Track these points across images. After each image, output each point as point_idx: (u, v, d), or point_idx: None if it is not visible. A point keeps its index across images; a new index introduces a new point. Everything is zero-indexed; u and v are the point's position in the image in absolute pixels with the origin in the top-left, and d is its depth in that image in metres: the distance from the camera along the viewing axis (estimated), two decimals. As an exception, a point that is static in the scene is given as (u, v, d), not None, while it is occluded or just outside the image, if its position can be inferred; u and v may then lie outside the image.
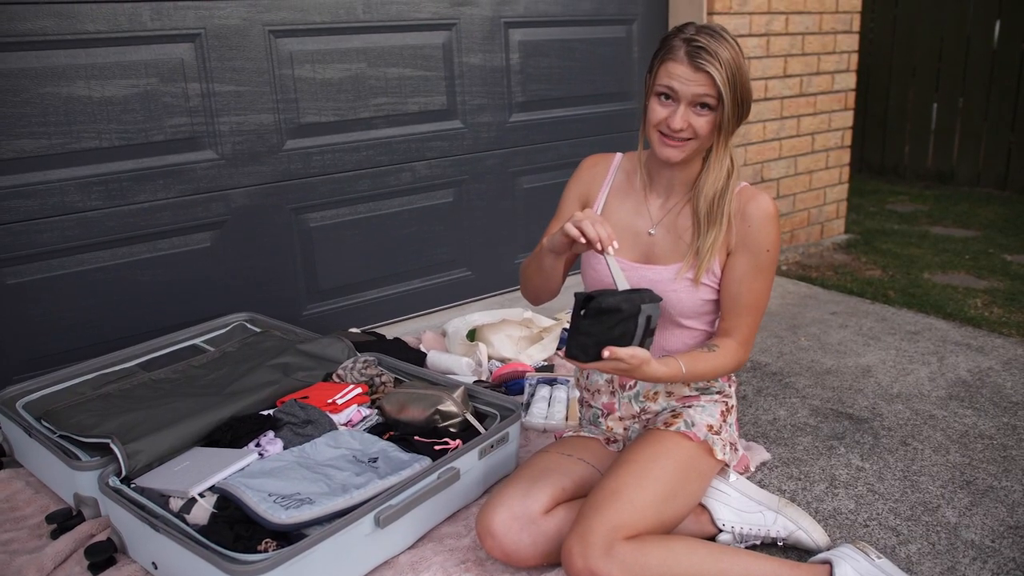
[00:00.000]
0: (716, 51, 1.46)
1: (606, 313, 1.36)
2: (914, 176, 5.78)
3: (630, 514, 1.46)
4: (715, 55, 1.45)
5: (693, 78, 1.47)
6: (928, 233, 4.28)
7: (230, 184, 2.48)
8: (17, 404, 2.00)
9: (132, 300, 2.38)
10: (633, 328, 1.39)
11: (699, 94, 1.48)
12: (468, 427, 1.91)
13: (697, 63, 1.46)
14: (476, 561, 1.63)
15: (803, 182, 3.88)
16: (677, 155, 1.55)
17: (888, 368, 2.54)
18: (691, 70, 1.47)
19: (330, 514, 1.51)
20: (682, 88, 1.48)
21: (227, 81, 2.40)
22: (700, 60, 1.46)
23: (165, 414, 1.86)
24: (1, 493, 1.92)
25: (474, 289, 3.13)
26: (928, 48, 5.53)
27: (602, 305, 1.35)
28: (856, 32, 3.84)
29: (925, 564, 1.63)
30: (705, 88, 1.47)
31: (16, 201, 2.15)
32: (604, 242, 1.41)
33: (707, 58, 1.45)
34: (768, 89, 3.56)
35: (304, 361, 2.15)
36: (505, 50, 2.96)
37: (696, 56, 1.46)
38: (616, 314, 1.36)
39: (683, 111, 1.50)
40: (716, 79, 1.45)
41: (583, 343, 1.38)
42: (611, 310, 1.36)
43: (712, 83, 1.46)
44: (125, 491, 1.64)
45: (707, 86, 1.47)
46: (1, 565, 1.63)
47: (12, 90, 2.10)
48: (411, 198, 2.88)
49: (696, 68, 1.46)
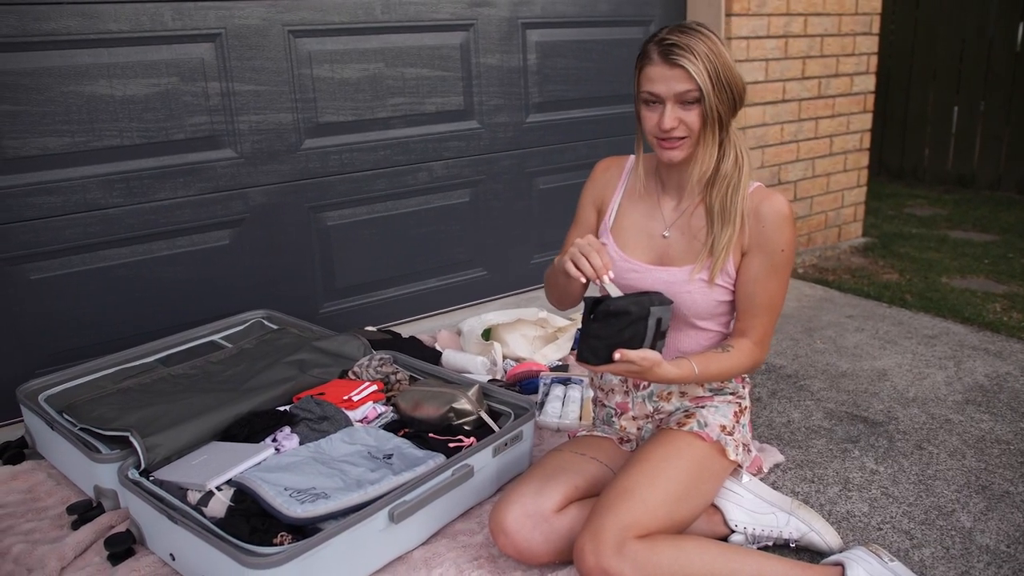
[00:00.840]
0: (689, 45, 1.46)
1: (615, 316, 1.36)
2: (933, 180, 5.74)
3: (642, 513, 1.47)
4: (688, 48, 1.46)
5: (670, 75, 1.48)
6: (947, 237, 4.26)
7: (249, 182, 2.51)
8: (40, 397, 2.03)
9: (152, 296, 2.41)
10: (643, 331, 1.39)
11: (680, 91, 1.49)
12: (482, 425, 1.92)
13: (671, 60, 1.47)
14: (489, 558, 1.65)
15: (820, 184, 3.86)
16: (678, 155, 1.56)
17: (904, 372, 2.53)
18: (667, 68, 1.48)
19: (345, 509, 1.53)
20: (662, 88, 1.49)
21: (247, 80, 2.43)
22: (673, 56, 1.47)
23: (184, 409, 1.89)
24: (24, 484, 1.96)
25: (490, 289, 3.15)
26: (949, 50, 5.49)
27: (611, 308, 1.36)
28: (876, 34, 3.82)
29: (939, 568, 1.63)
30: (684, 83, 1.48)
31: (40, 198, 2.19)
32: (599, 272, 1.44)
33: (679, 53, 1.46)
34: (786, 91, 3.55)
35: (320, 358, 2.17)
36: (522, 51, 2.97)
37: (669, 54, 1.47)
38: (625, 316, 1.37)
39: (670, 110, 1.50)
40: (692, 71, 1.46)
41: (593, 346, 1.39)
42: (620, 313, 1.36)
43: (689, 76, 1.47)
44: (144, 483, 1.67)
45: (685, 80, 1.47)
46: (23, 554, 1.66)
47: (36, 88, 2.13)
48: (428, 198, 2.89)
49: (671, 65, 1.47)
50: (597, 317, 1.37)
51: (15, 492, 1.92)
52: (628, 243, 1.69)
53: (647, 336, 1.41)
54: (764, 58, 3.42)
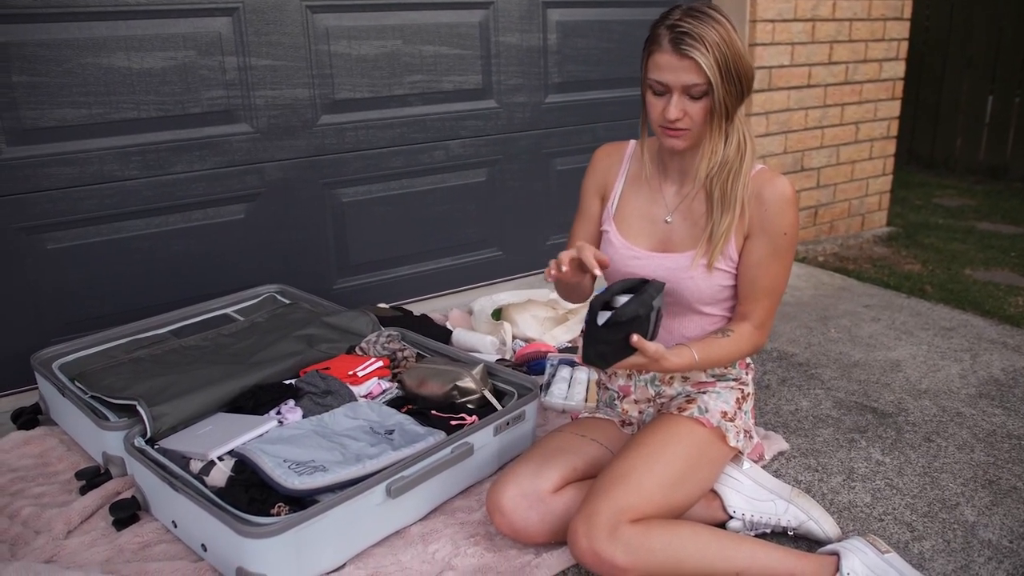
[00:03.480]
0: (701, 34, 1.42)
1: (626, 323, 1.36)
2: (965, 170, 5.63)
3: (637, 497, 1.47)
4: (700, 39, 1.42)
5: (680, 66, 1.45)
6: (974, 228, 4.18)
7: (264, 157, 2.52)
8: (53, 365, 2.07)
9: (166, 269, 2.44)
10: (647, 326, 1.39)
11: (688, 84, 1.46)
12: (486, 404, 1.93)
13: (681, 50, 1.43)
14: (486, 535, 1.66)
15: (845, 172, 3.81)
16: (681, 144, 1.54)
17: (918, 363, 2.49)
18: (676, 58, 1.44)
19: (342, 482, 1.55)
20: (670, 78, 1.46)
21: (263, 55, 2.44)
22: (684, 47, 1.43)
23: (192, 380, 1.91)
24: (36, 449, 2.00)
25: (505, 269, 3.15)
26: (986, 39, 5.36)
27: (623, 318, 1.36)
28: (907, 19, 3.74)
29: (938, 561, 1.61)
30: (693, 75, 1.44)
31: (57, 168, 2.22)
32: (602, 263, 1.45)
33: (691, 43, 1.42)
34: (812, 76, 3.50)
35: (329, 333, 2.19)
36: (543, 30, 2.95)
37: (680, 43, 1.43)
38: (635, 321, 1.37)
39: (676, 100, 1.48)
40: (703, 64, 1.42)
41: (602, 351, 1.39)
42: (631, 319, 1.36)
43: (699, 69, 1.43)
44: (149, 452, 1.70)
45: (695, 73, 1.44)
46: (31, 517, 1.70)
47: (55, 60, 2.15)
48: (444, 176, 2.89)
49: (681, 56, 1.44)
50: (607, 324, 1.37)
51: (27, 457, 1.97)
52: (631, 230, 1.68)
53: (650, 330, 1.41)
54: (790, 42, 3.36)
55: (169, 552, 1.61)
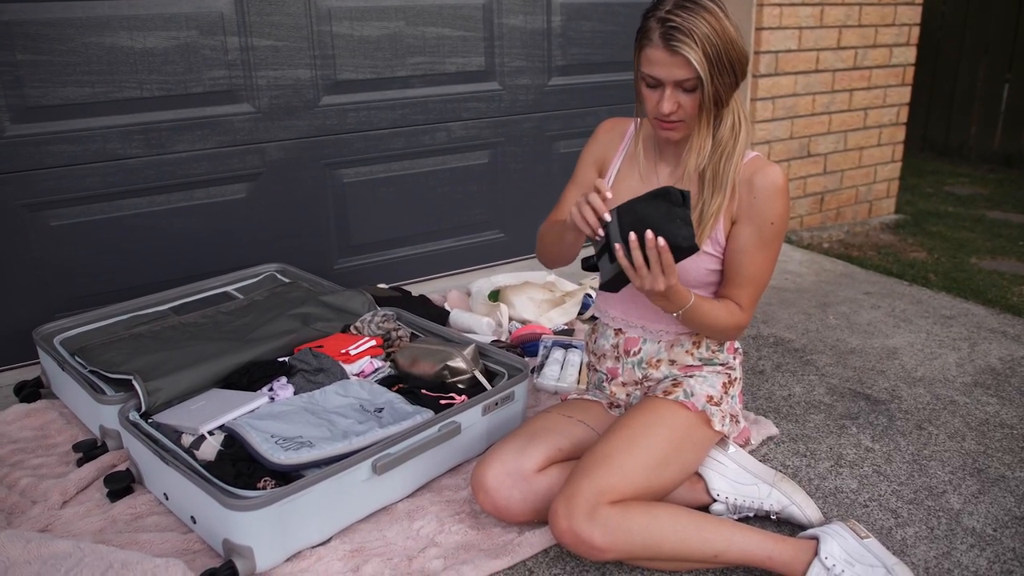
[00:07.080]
0: (691, 28, 1.41)
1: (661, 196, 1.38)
2: (979, 158, 5.57)
3: (619, 479, 1.48)
4: (690, 33, 1.41)
5: (670, 61, 1.44)
6: (984, 217, 4.14)
7: (266, 137, 2.54)
8: (55, 340, 2.11)
9: (168, 247, 2.47)
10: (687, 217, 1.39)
11: (679, 79, 1.46)
12: (476, 384, 1.94)
13: (672, 46, 1.42)
14: (470, 513, 1.68)
15: (852, 158, 3.78)
16: (676, 135, 1.55)
17: (915, 351, 2.49)
18: (667, 54, 1.44)
19: (328, 458, 1.57)
20: (662, 73, 1.46)
21: (266, 36, 2.45)
22: (675, 43, 1.42)
23: (187, 356, 1.95)
24: (36, 422, 2.04)
25: (506, 251, 3.16)
26: (1003, 25, 5.29)
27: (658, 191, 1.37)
28: (919, 4, 3.70)
29: (920, 547, 1.62)
30: (684, 71, 1.44)
31: (61, 146, 2.25)
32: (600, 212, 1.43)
33: (681, 39, 1.42)
34: (820, 61, 3.47)
35: (324, 312, 2.21)
36: (547, 12, 2.94)
37: (670, 38, 1.42)
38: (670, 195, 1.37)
39: (669, 94, 1.48)
40: (692, 59, 1.42)
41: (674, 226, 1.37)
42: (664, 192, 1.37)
43: (689, 65, 1.43)
44: (142, 425, 1.73)
45: (685, 68, 1.44)
46: (29, 487, 1.74)
47: (59, 39, 2.18)
48: (445, 158, 2.90)
49: (672, 52, 1.43)
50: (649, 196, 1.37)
51: (28, 429, 2.01)
52: (623, 207, 1.68)
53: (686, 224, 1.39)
54: (797, 26, 3.34)
55: (160, 524, 1.65)
